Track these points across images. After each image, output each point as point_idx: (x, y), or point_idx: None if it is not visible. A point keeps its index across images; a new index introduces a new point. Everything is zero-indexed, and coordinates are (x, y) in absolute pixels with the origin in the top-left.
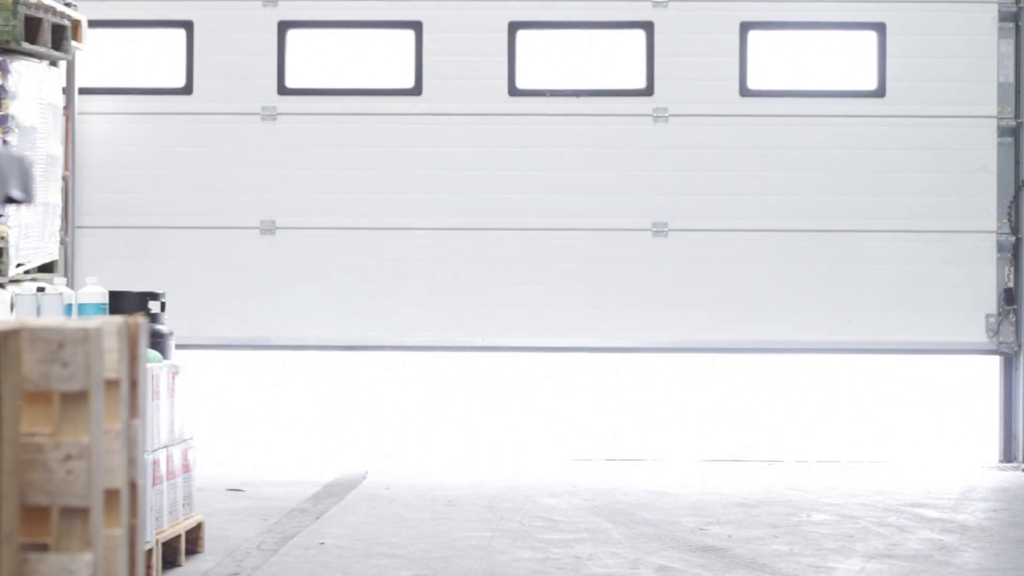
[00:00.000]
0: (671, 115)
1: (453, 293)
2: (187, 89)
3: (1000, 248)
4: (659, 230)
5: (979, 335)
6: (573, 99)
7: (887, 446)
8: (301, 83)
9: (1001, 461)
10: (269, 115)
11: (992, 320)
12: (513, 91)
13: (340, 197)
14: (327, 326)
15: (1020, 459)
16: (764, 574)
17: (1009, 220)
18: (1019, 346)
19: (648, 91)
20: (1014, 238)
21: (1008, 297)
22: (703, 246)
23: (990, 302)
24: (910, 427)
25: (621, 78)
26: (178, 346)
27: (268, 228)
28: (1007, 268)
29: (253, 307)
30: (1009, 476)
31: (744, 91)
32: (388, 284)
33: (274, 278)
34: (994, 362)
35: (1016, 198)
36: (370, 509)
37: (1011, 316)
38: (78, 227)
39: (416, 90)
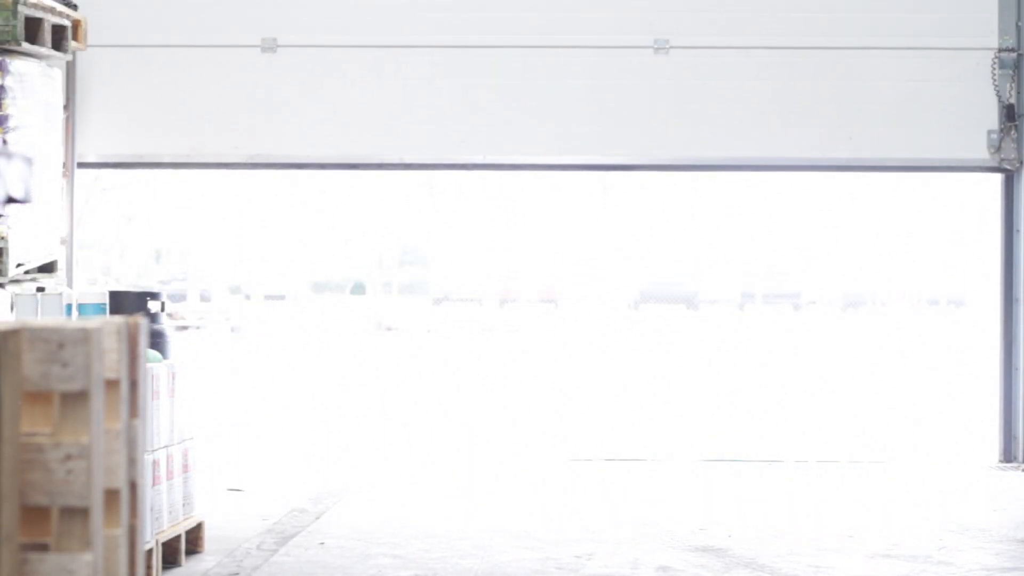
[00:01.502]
0: None
1: (454, 111)
2: None
3: (1002, 65)
4: (660, 47)
5: (981, 152)
6: None
7: (887, 446)
8: None
9: (1001, 461)
10: None
11: (994, 136)
12: None
13: (341, 13)
14: (329, 145)
15: (1020, 459)
16: (764, 574)
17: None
18: (1020, 163)
19: None
20: (1015, 54)
21: (1009, 114)
22: (704, 63)
23: (992, 119)
24: (912, 420)
25: None
26: (180, 165)
27: (269, 46)
28: (1008, 85)
29: (255, 126)
30: (1009, 476)
31: None
32: (389, 102)
33: (275, 96)
34: (995, 181)
35: (1018, 13)
36: (370, 508)
37: (1012, 132)
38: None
39: None
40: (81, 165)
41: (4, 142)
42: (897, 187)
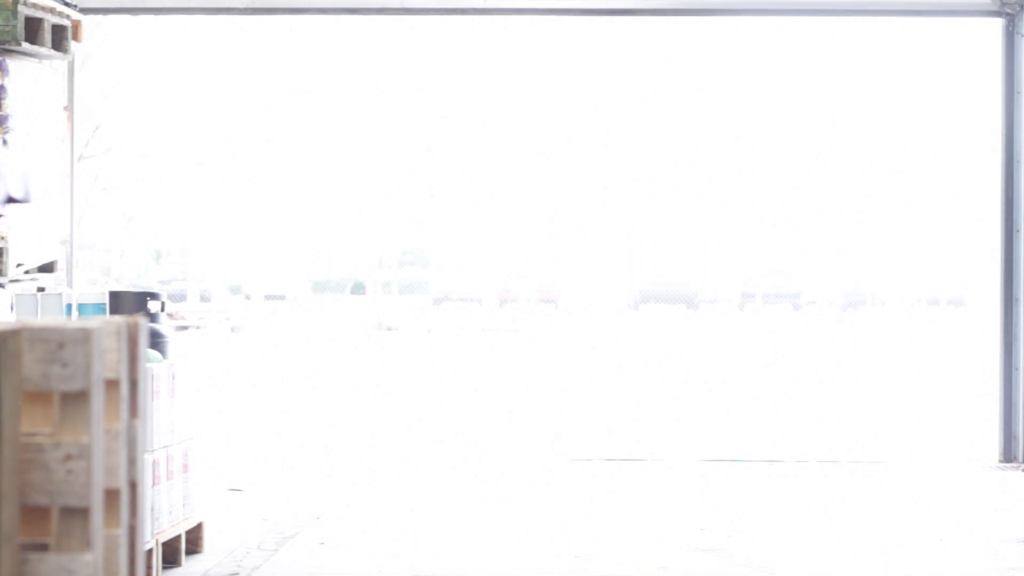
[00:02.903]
0: None
1: None
2: None
3: None
4: None
5: None
6: None
7: (887, 446)
8: None
9: (1001, 461)
10: None
11: None
12: None
13: None
14: None
15: (1020, 459)
16: (764, 574)
17: None
18: (1021, 7)
19: None
20: None
21: None
22: None
23: None
24: (912, 420)
25: None
26: (182, 11)
27: None
28: None
29: None
30: (1009, 476)
31: None
32: None
33: None
34: (996, 28)
35: None
36: (369, 508)
37: None
38: None
39: None
40: (84, 11)
41: (4, 142)
42: (899, 186)
